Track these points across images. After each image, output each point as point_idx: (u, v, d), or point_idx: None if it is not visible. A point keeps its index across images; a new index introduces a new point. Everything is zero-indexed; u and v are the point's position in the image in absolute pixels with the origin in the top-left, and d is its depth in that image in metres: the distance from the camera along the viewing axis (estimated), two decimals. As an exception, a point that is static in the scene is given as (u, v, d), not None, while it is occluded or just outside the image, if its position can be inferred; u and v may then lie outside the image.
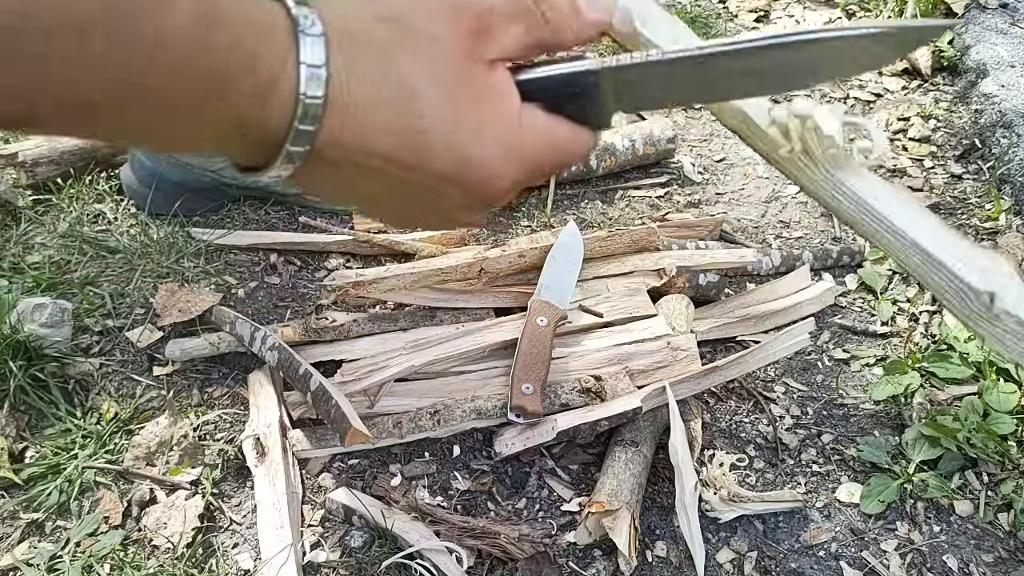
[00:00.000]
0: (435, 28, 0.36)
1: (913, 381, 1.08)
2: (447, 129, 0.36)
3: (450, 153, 0.36)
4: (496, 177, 0.38)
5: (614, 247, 1.18)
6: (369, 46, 0.34)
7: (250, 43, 0.31)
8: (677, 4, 2.01)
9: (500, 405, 0.97)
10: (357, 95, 0.34)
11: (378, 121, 0.34)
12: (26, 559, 0.83)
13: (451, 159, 0.36)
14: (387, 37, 0.35)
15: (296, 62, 0.32)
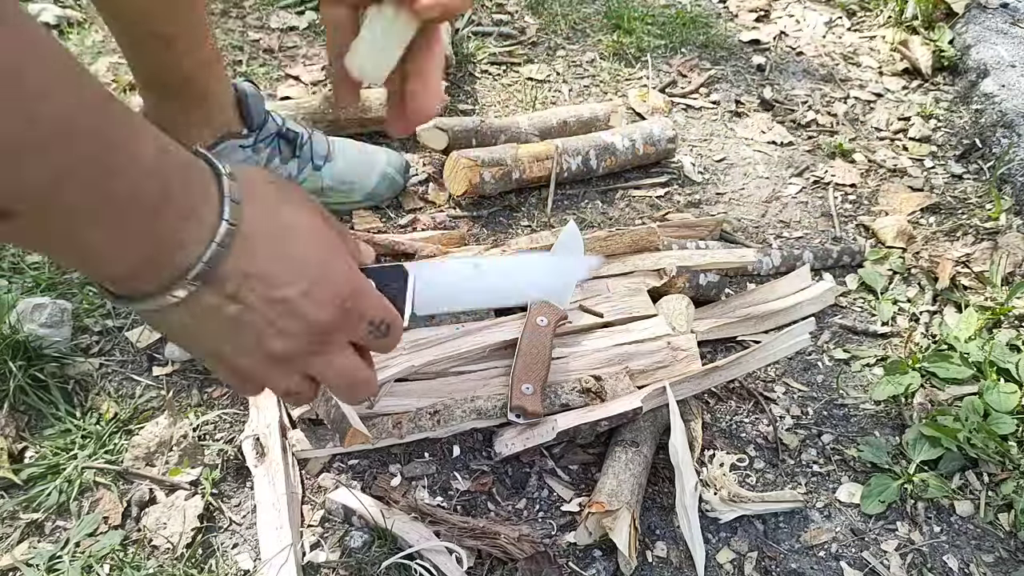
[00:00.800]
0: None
1: (913, 381, 1.08)
2: (317, 259, 0.47)
3: (317, 274, 0.47)
4: (343, 298, 0.48)
5: (614, 247, 1.18)
6: (267, 199, 0.46)
7: (188, 175, 0.42)
8: (677, 4, 2.01)
9: (500, 405, 0.97)
10: (259, 231, 0.44)
11: (268, 252, 0.45)
12: (26, 559, 0.83)
13: (316, 278, 0.47)
14: (278, 193, 0.47)
15: (220, 195, 0.43)
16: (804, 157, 1.56)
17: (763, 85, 1.76)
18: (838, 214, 1.43)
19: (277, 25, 1.76)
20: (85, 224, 0.37)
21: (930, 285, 1.28)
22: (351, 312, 0.49)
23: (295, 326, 0.46)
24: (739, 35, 1.92)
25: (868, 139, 1.63)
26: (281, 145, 1.22)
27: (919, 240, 1.37)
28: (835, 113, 1.69)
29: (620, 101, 1.65)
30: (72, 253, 0.40)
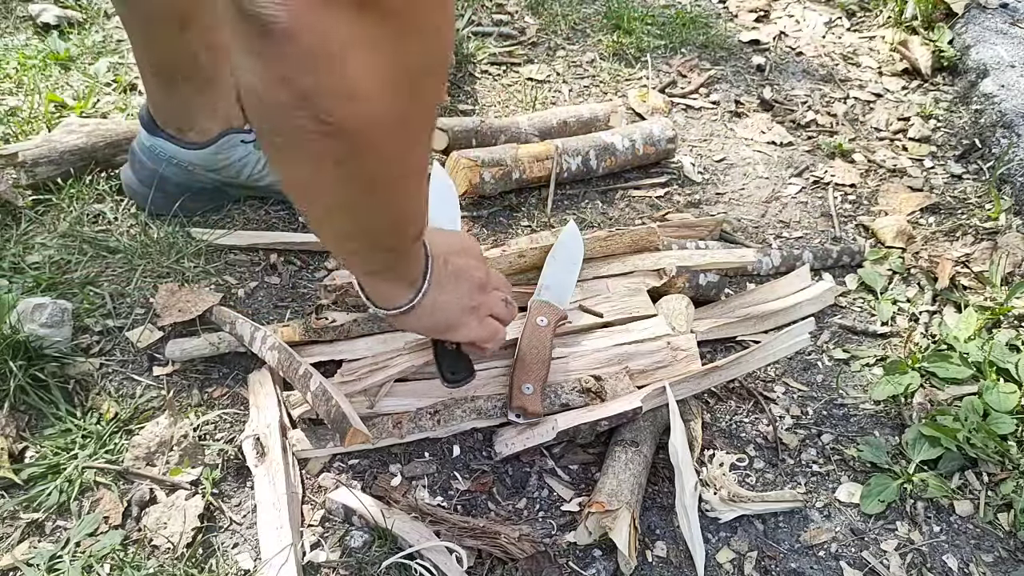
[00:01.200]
0: (470, 243, 0.92)
1: (913, 381, 1.08)
2: (478, 270, 0.90)
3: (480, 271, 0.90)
4: (489, 277, 0.91)
5: (614, 247, 1.18)
6: (443, 248, 0.85)
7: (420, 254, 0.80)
8: (677, 4, 2.01)
9: (500, 405, 0.97)
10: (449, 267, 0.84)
11: (449, 269, 0.84)
12: (26, 559, 0.83)
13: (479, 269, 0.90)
14: (448, 242, 0.87)
15: (427, 256, 0.81)
16: (804, 157, 1.56)
17: (763, 85, 1.76)
18: (838, 214, 1.44)
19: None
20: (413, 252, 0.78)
21: (930, 285, 1.28)
22: (491, 279, 0.91)
23: (472, 274, 0.87)
24: (739, 35, 1.92)
25: (868, 139, 1.63)
26: None
27: (919, 240, 1.37)
28: (835, 113, 1.69)
29: (620, 101, 1.65)
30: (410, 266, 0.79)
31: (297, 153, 0.54)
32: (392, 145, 0.55)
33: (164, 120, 1.14)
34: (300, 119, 0.50)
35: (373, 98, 0.50)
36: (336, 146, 0.52)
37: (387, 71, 0.50)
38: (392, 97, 0.51)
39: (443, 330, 0.88)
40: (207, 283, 1.15)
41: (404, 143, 0.57)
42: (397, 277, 0.79)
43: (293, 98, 0.48)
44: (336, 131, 0.51)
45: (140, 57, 1.09)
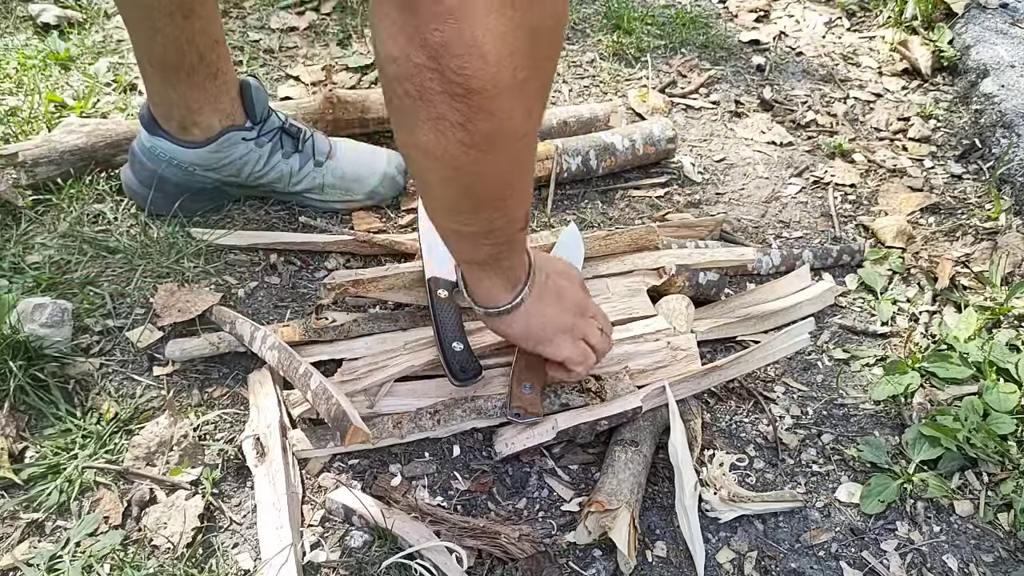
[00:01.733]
0: (570, 269, 0.97)
1: (913, 381, 1.08)
2: (576, 280, 0.96)
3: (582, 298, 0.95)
4: (590, 309, 0.95)
5: (614, 246, 1.18)
6: (547, 266, 0.92)
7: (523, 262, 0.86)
8: (677, 4, 2.01)
9: (500, 405, 0.97)
10: (549, 283, 0.90)
11: (551, 284, 0.90)
12: (26, 559, 0.83)
13: (581, 296, 0.95)
14: (550, 263, 0.93)
15: (528, 265, 0.86)
16: (804, 157, 1.56)
17: (763, 85, 1.76)
18: (838, 214, 1.44)
19: (277, 25, 1.76)
20: (518, 248, 0.83)
21: (930, 285, 1.28)
22: (591, 307, 0.95)
23: (572, 296, 0.92)
24: (739, 35, 1.92)
25: (868, 139, 1.63)
26: (283, 140, 1.23)
27: (919, 240, 1.37)
28: (835, 113, 1.69)
29: (620, 101, 1.65)
30: (513, 262, 0.83)
31: (424, 114, 0.57)
32: (513, 106, 0.58)
33: (165, 116, 1.14)
34: (431, 79, 0.54)
35: (503, 59, 0.53)
36: (461, 107, 0.55)
37: (517, 32, 0.53)
38: (518, 58, 0.54)
39: (537, 341, 0.89)
40: (207, 283, 1.15)
41: (524, 106, 0.59)
42: (502, 272, 0.82)
43: (427, 57, 0.52)
44: (464, 91, 0.54)
45: (141, 51, 1.09)
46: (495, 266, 0.82)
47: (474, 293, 0.86)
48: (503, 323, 0.87)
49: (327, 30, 1.77)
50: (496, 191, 0.70)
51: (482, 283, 0.84)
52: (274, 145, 1.21)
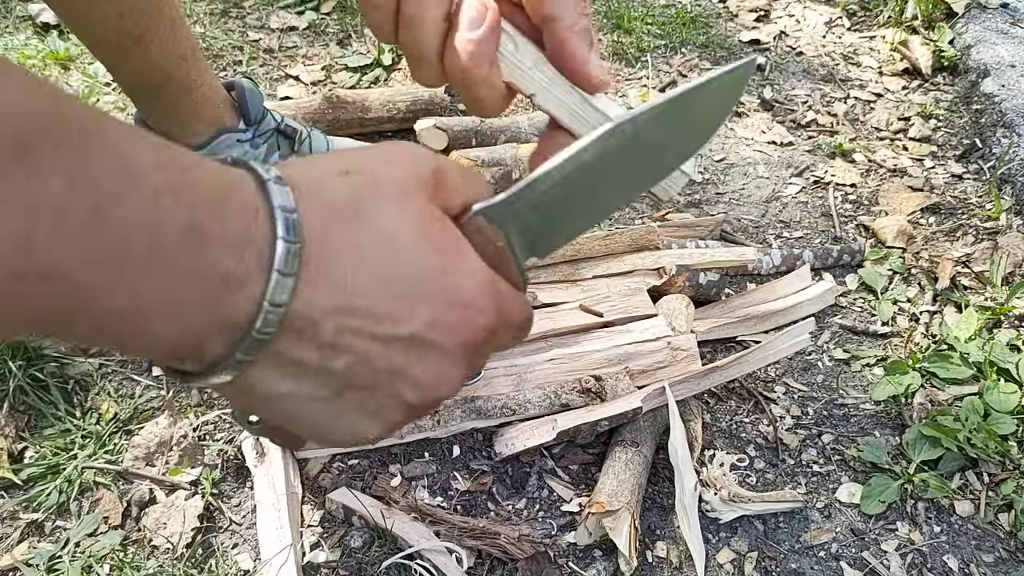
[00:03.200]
0: (400, 173, 0.36)
1: (913, 381, 1.08)
2: (434, 271, 0.35)
3: (439, 291, 0.36)
4: (481, 313, 0.37)
5: (614, 246, 1.18)
6: (339, 199, 0.34)
7: (222, 196, 0.30)
8: (677, 4, 2.01)
9: (499, 405, 0.97)
10: (335, 246, 0.33)
11: (360, 274, 0.33)
12: (26, 559, 0.83)
13: (440, 298, 0.36)
14: (355, 188, 0.35)
15: (268, 208, 0.31)
16: (804, 157, 1.56)
17: (763, 85, 1.76)
18: (838, 214, 1.43)
19: (277, 25, 1.76)
20: (98, 294, 0.28)
21: (930, 285, 1.28)
22: (496, 332, 0.39)
23: (432, 367, 0.36)
24: (739, 35, 1.92)
25: (868, 139, 1.63)
26: (279, 141, 1.22)
27: (919, 240, 1.37)
28: (835, 113, 1.69)
29: (620, 101, 1.65)
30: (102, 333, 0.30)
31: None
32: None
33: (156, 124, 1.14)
34: None
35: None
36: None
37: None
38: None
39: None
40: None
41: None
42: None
43: None
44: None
45: (115, 80, 1.11)
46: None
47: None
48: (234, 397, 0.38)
49: (327, 30, 1.77)
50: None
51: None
52: (270, 146, 1.21)
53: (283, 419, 0.37)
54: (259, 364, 0.33)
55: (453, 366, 0.37)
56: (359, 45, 1.72)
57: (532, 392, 0.98)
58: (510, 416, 0.97)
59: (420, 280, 0.35)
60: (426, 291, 0.35)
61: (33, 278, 0.25)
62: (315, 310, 0.32)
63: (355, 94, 1.42)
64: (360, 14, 1.79)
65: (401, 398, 0.37)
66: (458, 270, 0.36)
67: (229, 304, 0.30)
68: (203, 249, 0.29)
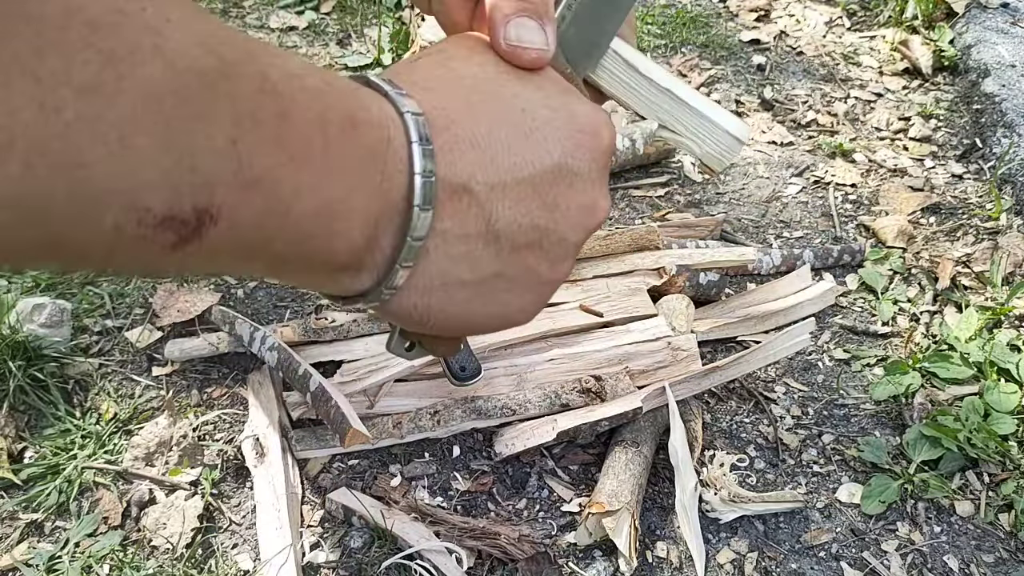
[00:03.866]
0: (480, 43, 0.40)
1: (914, 381, 1.08)
2: (551, 107, 0.38)
3: (564, 123, 0.38)
4: (601, 132, 0.40)
5: (614, 246, 1.18)
6: (441, 76, 0.37)
7: (356, 87, 0.33)
8: (677, 4, 2.01)
9: (499, 405, 0.97)
10: (455, 108, 0.35)
11: (487, 126, 0.36)
12: (25, 559, 0.83)
13: (567, 128, 0.38)
14: (448, 61, 0.38)
15: (389, 96, 0.34)
16: (804, 157, 1.56)
17: (763, 85, 1.76)
18: (838, 214, 1.43)
19: (277, 25, 1.76)
20: (292, 193, 0.29)
21: (930, 285, 1.28)
22: (611, 149, 0.42)
23: (581, 192, 0.39)
24: (739, 35, 1.92)
25: (868, 139, 1.63)
26: None
27: (919, 240, 1.37)
28: (835, 113, 1.69)
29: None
30: (288, 253, 0.31)
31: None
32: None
33: None
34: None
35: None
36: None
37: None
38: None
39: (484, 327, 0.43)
40: (206, 283, 1.15)
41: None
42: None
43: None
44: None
45: None
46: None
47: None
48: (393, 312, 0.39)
49: (326, 29, 1.76)
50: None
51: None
52: None
53: (462, 316, 0.39)
54: (431, 253, 0.35)
55: (596, 187, 0.40)
56: (359, 45, 1.72)
57: (532, 392, 0.98)
58: (510, 416, 0.96)
59: (546, 118, 0.37)
60: (553, 124, 0.37)
61: (243, 186, 0.28)
62: (460, 173, 0.34)
63: (355, 94, 1.42)
64: (360, 14, 1.79)
65: (565, 240, 0.39)
66: (570, 100, 0.39)
67: (389, 187, 0.33)
68: (360, 136, 0.32)
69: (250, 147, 0.27)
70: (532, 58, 0.39)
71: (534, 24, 0.39)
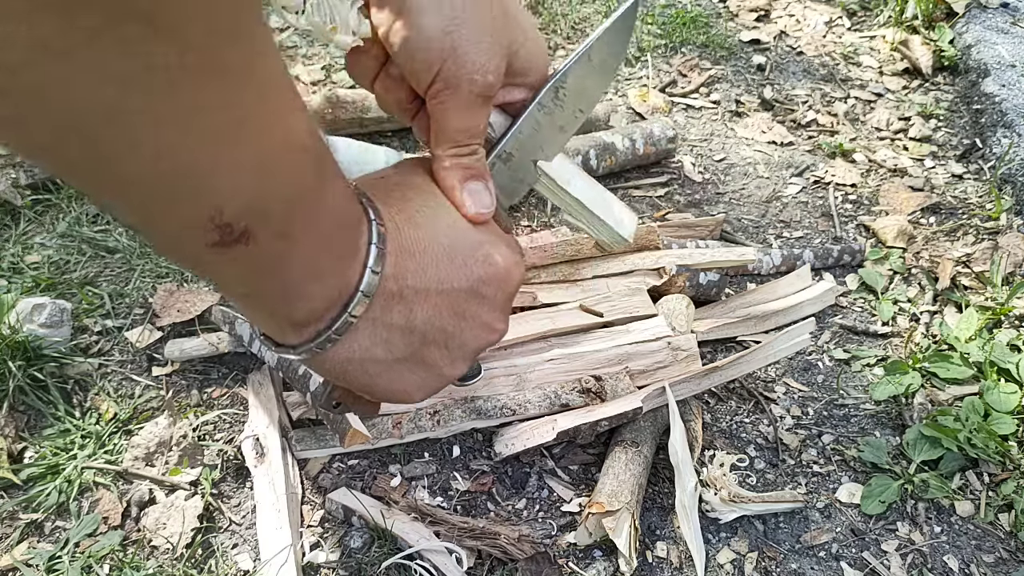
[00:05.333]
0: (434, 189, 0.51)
1: (914, 381, 1.08)
2: (477, 245, 0.48)
3: (483, 258, 0.48)
4: (512, 272, 0.49)
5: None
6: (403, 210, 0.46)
7: (352, 203, 0.43)
8: (677, 4, 2.01)
9: (499, 405, 0.97)
10: (407, 234, 0.45)
11: (427, 250, 0.45)
12: (25, 559, 0.83)
13: (483, 263, 0.48)
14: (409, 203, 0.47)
15: (363, 209, 0.43)
16: (804, 157, 1.56)
17: (763, 85, 1.76)
18: (838, 214, 1.43)
19: (277, 25, 1.76)
20: (298, 257, 0.39)
21: (930, 285, 1.28)
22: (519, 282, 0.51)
23: (487, 312, 0.49)
24: (739, 35, 1.92)
25: (868, 139, 1.63)
26: None
27: (919, 240, 1.37)
28: (835, 113, 1.69)
29: (620, 101, 1.64)
30: (274, 291, 0.40)
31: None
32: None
33: None
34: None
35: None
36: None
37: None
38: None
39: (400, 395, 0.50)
40: (206, 283, 1.15)
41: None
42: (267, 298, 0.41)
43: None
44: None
45: None
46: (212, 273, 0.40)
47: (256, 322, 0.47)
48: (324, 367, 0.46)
49: (327, 29, 1.76)
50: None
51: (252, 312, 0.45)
52: None
53: (370, 384, 0.47)
54: (359, 331, 0.44)
55: (498, 312, 0.49)
56: (359, 45, 1.72)
57: (532, 392, 0.98)
58: (510, 416, 0.96)
59: (469, 251, 0.47)
60: (474, 257, 0.47)
61: (275, 234, 0.37)
62: (399, 275, 0.43)
63: (355, 94, 1.42)
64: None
65: (464, 346, 0.48)
66: (493, 243, 0.49)
67: (352, 273, 0.42)
68: (350, 232, 0.41)
69: (292, 213, 0.37)
70: (484, 217, 0.48)
71: (481, 186, 0.49)
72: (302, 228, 0.37)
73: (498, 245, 0.49)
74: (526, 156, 0.54)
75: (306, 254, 0.39)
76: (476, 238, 0.48)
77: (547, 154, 0.55)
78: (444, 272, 0.45)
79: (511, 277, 0.49)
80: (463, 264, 0.46)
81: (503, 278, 0.48)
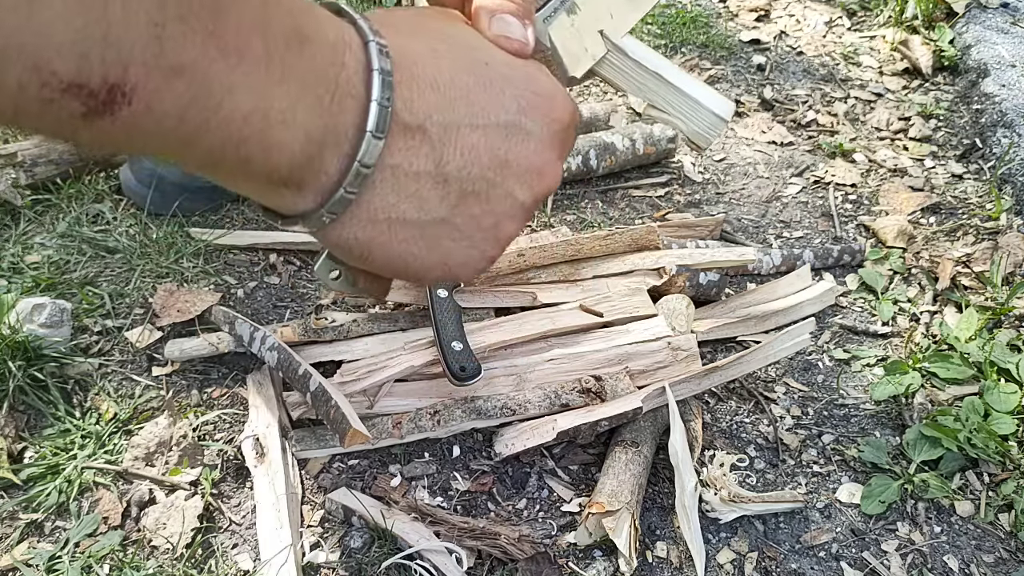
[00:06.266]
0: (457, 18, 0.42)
1: (914, 381, 1.08)
2: (515, 68, 0.40)
3: (524, 83, 0.39)
4: (562, 103, 0.40)
5: (614, 246, 1.18)
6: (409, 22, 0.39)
7: (311, 5, 0.33)
8: (677, 4, 2.01)
9: (499, 405, 0.97)
10: (418, 50, 0.36)
11: (448, 71, 0.36)
12: (25, 559, 0.83)
13: (526, 88, 0.39)
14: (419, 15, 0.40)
15: (353, 20, 0.34)
16: (804, 157, 1.56)
17: (763, 85, 1.76)
18: (838, 214, 1.43)
19: None
20: (224, 91, 0.29)
21: (930, 285, 1.28)
22: (571, 126, 0.42)
23: (533, 153, 0.39)
24: (739, 35, 1.92)
25: (868, 139, 1.63)
26: None
27: (919, 240, 1.37)
28: (835, 113, 1.69)
29: (620, 101, 1.64)
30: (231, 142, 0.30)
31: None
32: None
33: None
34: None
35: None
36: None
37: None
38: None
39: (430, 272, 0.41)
40: (206, 283, 1.15)
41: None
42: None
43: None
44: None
45: None
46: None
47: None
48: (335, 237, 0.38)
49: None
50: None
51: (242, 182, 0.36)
52: None
53: (403, 256, 0.39)
54: (378, 185, 0.35)
55: (547, 151, 0.40)
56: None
57: (532, 392, 0.98)
58: (510, 416, 0.97)
59: (506, 75, 0.38)
60: (513, 82, 0.38)
61: (164, 72, 0.27)
62: (417, 110, 0.35)
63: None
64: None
65: (511, 197, 0.39)
66: (531, 67, 0.41)
67: (338, 110, 0.33)
68: (308, 51, 0.31)
69: (174, 33, 0.27)
70: (514, 48, 0.40)
71: (515, 20, 0.41)
72: (199, 62, 0.28)
73: (537, 70, 0.41)
74: (593, 14, 0.45)
75: (238, 94, 0.29)
76: (512, 62, 0.40)
77: (617, 26, 0.46)
78: (477, 105, 0.37)
79: (556, 103, 0.40)
80: (500, 92, 0.38)
81: (548, 104, 0.40)
